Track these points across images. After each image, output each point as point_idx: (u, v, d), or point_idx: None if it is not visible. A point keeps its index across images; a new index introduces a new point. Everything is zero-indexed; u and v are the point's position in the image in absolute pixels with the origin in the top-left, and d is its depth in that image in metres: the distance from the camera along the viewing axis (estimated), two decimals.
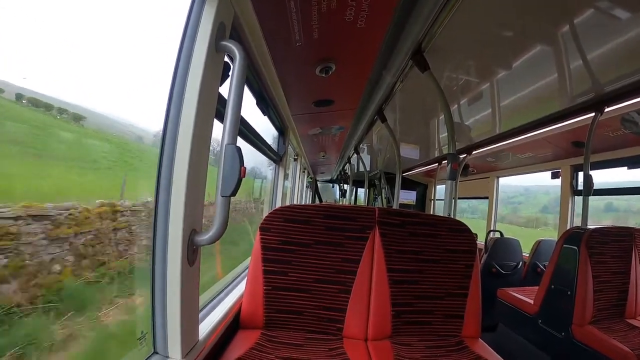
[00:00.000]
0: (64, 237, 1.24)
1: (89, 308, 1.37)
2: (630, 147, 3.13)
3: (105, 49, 1.06)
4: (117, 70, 1.12)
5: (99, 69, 1.06)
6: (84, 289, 1.36)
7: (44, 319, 1.19)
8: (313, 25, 1.55)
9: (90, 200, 1.38)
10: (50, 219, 1.19)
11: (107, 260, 1.46)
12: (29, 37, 0.81)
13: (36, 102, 1.06)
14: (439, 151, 5.22)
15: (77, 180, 1.35)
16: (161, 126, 1.10)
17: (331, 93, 2.57)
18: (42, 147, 1.15)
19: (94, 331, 1.37)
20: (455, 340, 1.76)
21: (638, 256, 2.61)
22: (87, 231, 1.34)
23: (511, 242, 4.17)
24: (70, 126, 1.24)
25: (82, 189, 1.37)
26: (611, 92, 2.31)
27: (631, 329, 2.38)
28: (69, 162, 1.30)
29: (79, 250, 1.30)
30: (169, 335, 1.11)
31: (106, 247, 1.46)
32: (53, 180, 1.24)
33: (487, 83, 2.45)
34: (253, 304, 1.70)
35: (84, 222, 1.31)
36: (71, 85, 0.98)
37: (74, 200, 1.28)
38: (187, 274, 1.12)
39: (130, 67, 1.18)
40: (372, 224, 1.79)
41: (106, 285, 1.46)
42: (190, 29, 1.08)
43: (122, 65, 1.14)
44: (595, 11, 1.52)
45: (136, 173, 1.85)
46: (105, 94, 1.12)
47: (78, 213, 1.28)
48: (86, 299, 1.37)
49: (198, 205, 1.17)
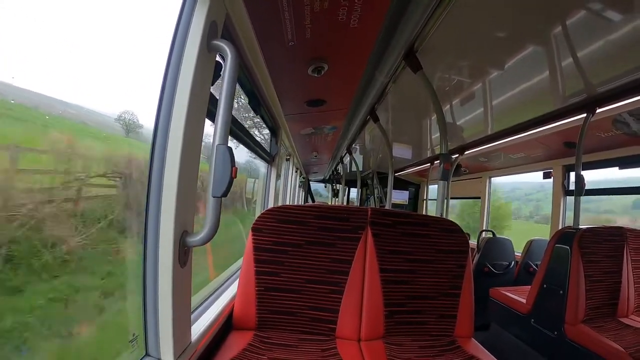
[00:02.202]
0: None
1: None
2: (621, 148, 3.17)
3: (93, 48, 1.04)
4: (106, 70, 1.11)
5: (88, 67, 1.05)
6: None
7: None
8: (305, 24, 1.54)
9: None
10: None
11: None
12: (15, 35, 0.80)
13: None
14: (431, 151, 5.24)
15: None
16: (152, 126, 1.09)
17: (324, 93, 2.56)
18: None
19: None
20: (448, 340, 1.77)
21: (629, 255, 2.64)
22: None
23: (503, 242, 4.19)
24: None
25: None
26: (603, 93, 2.33)
27: (623, 327, 2.40)
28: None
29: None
30: (161, 337, 1.10)
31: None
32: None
33: (480, 83, 2.46)
34: (245, 305, 1.69)
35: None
36: (58, 84, 0.96)
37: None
38: (179, 276, 1.11)
39: (120, 66, 1.17)
40: (364, 224, 1.79)
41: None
42: (181, 27, 1.07)
43: (111, 65, 1.12)
44: (587, 12, 1.53)
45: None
46: (94, 93, 1.11)
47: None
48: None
49: (189, 206, 1.16)
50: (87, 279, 1.17)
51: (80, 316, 1.14)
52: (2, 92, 0.83)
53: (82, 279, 1.14)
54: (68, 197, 1.09)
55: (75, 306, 1.12)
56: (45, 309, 1.00)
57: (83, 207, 1.14)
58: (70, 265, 1.08)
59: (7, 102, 0.87)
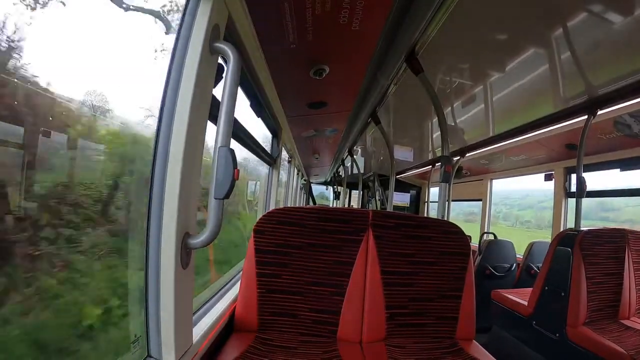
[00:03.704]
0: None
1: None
2: (622, 150, 3.16)
3: (97, 50, 1.05)
4: (110, 72, 1.11)
5: (91, 70, 1.05)
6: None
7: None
8: (307, 27, 1.55)
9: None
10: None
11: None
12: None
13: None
14: (432, 153, 5.24)
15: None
16: (154, 128, 1.09)
17: (325, 95, 2.57)
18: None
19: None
20: (450, 342, 1.76)
21: (631, 257, 2.63)
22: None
23: (505, 244, 4.18)
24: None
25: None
26: (604, 95, 2.33)
27: (625, 329, 2.39)
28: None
29: None
30: (163, 338, 1.10)
31: None
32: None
33: (481, 86, 2.46)
34: (247, 307, 1.69)
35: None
36: (62, 85, 0.97)
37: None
38: (181, 277, 1.11)
39: (124, 68, 1.17)
40: (365, 226, 1.79)
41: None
42: (184, 30, 1.07)
43: (115, 67, 1.13)
44: (588, 14, 1.53)
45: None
46: (98, 95, 1.11)
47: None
48: None
49: (191, 207, 1.16)
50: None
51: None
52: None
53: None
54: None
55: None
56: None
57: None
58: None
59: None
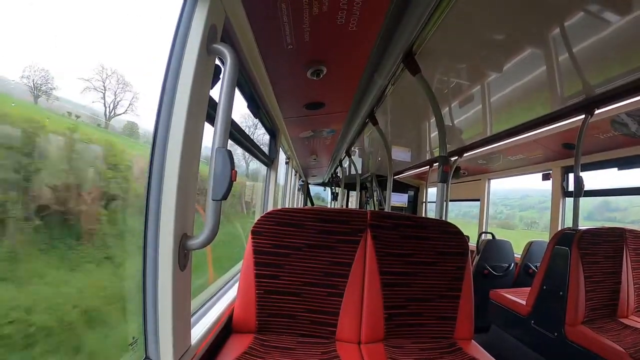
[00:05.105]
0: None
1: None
2: (620, 149, 3.17)
3: (93, 50, 1.05)
4: (106, 72, 1.11)
5: (87, 69, 1.05)
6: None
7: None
8: (304, 28, 1.54)
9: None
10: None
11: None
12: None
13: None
14: (430, 154, 5.24)
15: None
16: (151, 129, 1.09)
17: (322, 96, 2.57)
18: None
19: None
20: (448, 342, 1.76)
21: (629, 256, 2.64)
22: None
23: (503, 244, 4.19)
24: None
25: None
26: (601, 94, 2.34)
27: (624, 328, 2.40)
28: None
29: None
30: (161, 340, 1.10)
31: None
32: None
33: (478, 85, 2.46)
34: (245, 308, 1.69)
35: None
36: (57, 86, 0.96)
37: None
38: (179, 279, 1.11)
39: (120, 69, 1.17)
40: (363, 226, 1.79)
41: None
42: (181, 31, 1.07)
43: (111, 67, 1.12)
44: (585, 14, 1.54)
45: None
46: (93, 97, 1.11)
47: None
48: None
49: (189, 209, 1.16)
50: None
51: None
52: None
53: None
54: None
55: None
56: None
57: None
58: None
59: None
